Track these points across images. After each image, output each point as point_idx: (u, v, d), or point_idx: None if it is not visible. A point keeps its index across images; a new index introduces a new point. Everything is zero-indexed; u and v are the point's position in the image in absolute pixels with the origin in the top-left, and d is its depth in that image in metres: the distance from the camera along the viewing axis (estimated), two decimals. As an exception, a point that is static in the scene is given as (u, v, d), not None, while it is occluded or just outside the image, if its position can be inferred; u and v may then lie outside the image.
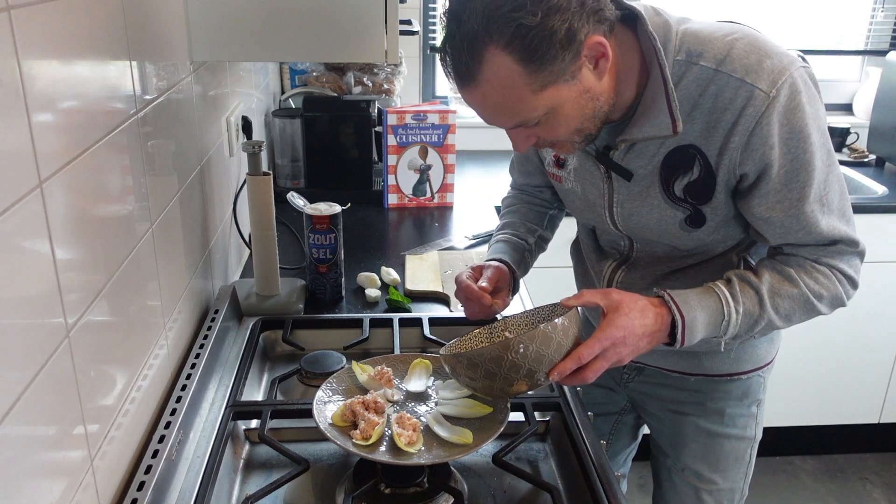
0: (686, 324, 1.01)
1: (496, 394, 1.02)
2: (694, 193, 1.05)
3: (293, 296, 1.49)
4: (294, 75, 2.40)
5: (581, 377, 0.97)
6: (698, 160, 1.02)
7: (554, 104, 0.93)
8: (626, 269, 1.21)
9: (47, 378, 0.71)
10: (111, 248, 0.90)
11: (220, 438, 1.05)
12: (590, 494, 0.97)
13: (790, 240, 1.05)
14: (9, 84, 0.65)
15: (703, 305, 1.02)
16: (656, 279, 1.18)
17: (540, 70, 0.88)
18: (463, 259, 1.74)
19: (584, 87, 0.93)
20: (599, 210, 1.16)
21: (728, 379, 1.25)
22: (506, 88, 0.90)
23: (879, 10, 2.91)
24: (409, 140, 2.08)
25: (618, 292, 1.01)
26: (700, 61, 0.98)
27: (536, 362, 0.95)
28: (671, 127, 0.99)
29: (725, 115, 0.97)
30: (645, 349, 1.01)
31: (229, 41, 1.27)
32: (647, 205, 1.09)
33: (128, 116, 0.95)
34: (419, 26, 2.58)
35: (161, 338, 1.09)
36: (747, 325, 1.04)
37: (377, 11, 1.27)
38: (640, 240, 1.18)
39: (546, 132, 0.99)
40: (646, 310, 1.00)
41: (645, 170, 1.07)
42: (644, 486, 2.49)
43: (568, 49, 0.88)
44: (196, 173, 1.31)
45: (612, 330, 0.97)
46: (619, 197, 1.12)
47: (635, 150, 1.06)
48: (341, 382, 1.11)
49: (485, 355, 0.96)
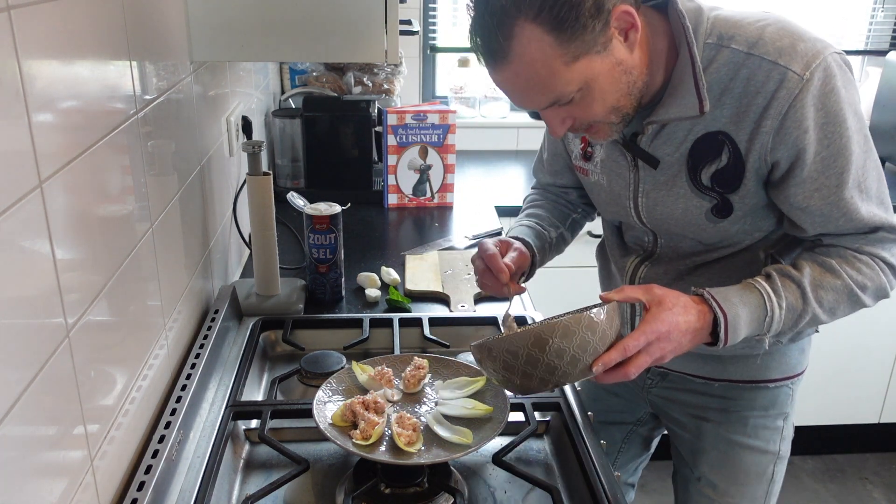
0: (728, 321, 0.97)
1: (535, 385, 0.94)
2: (721, 182, 1.03)
3: (293, 296, 1.49)
4: (294, 75, 2.40)
5: (623, 372, 0.94)
6: (727, 147, 1.00)
7: (587, 77, 0.91)
8: (650, 265, 1.19)
9: (47, 378, 0.71)
10: (111, 248, 0.90)
11: (220, 438, 1.05)
12: (589, 494, 0.97)
13: (830, 229, 1.02)
14: (9, 84, 0.65)
15: (744, 302, 0.99)
16: (680, 274, 1.16)
17: (571, 40, 0.88)
18: (463, 259, 1.74)
19: (616, 60, 0.92)
20: (624, 202, 1.15)
21: (753, 386, 1.21)
22: (538, 62, 0.89)
23: (879, 10, 2.91)
24: (409, 140, 2.08)
25: (660, 288, 0.99)
26: (731, 44, 0.96)
27: (581, 349, 0.91)
28: (698, 107, 0.97)
29: (757, 98, 0.95)
30: (687, 347, 0.98)
31: (229, 41, 1.27)
32: (672, 194, 1.07)
33: (128, 116, 0.95)
34: (419, 26, 2.58)
35: (161, 338, 1.09)
36: (791, 321, 1.01)
37: (377, 11, 1.27)
38: (664, 234, 1.16)
39: (582, 111, 0.96)
40: (688, 306, 0.97)
41: (672, 157, 1.05)
42: (644, 486, 2.49)
43: (597, 18, 0.87)
44: (196, 173, 1.31)
45: (657, 324, 0.94)
46: (644, 186, 1.10)
47: (662, 137, 1.04)
48: (341, 382, 1.11)
49: (527, 338, 0.91)
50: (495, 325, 1.40)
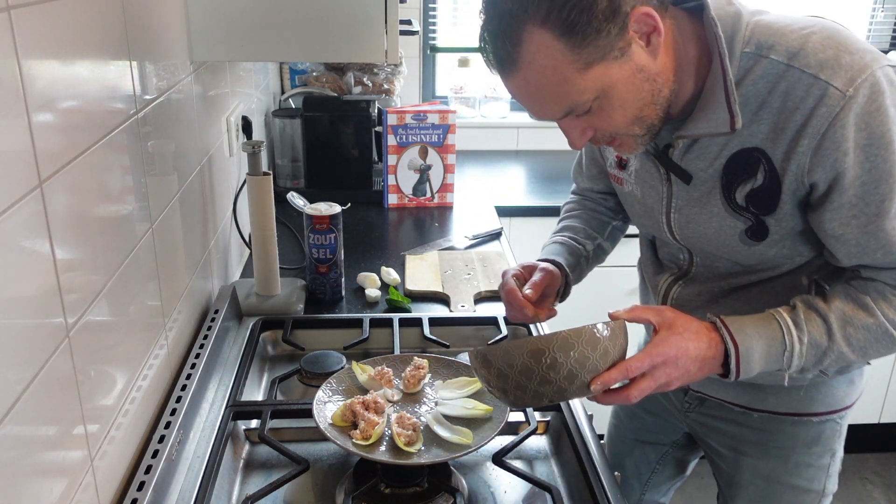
0: (740, 353, 0.92)
1: (528, 399, 0.91)
2: (757, 202, 0.95)
3: (293, 296, 1.49)
4: (294, 75, 2.40)
5: (625, 395, 0.89)
6: (763, 165, 0.92)
7: (604, 85, 0.85)
8: (684, 284, 1.11)
9: (47, 378, 0.71)
10: (111, 248, 0.90)
11: (220, 438, 1.05)
12: (589, 494, 0.97)
13: (866, 261, 0.93)
14: (9, 84, 0.65)
15: (760, 334, 0.93)
16: (714, 296, 1.08)
17: (583, 45, 0.82)
18: (463, 259, 1.74)
19: (636, 66, 0.86)
20: (657, 216, 1.07)
21: (796, 420, 1.12)
22: (548, 69, 0.84)
23: (879, 10, 2.91)
24: (409, 140, 2.08)
25: (671, 310, 0.94)
26: (770, 54, 0.88)
27: (579, 365, 0.86)
28: (729, 123, 0.90)
29: (795, 115, 0.87)
30: (696, 376, 0.93)
31: (229, 41, 1.27)
32: (705, 212, 1.00)
33: (128, 116, 0.95)
34: (419, 26, 2.58)
35: (161, 338, 1.09)
36: (814, 358, 0.94)
37: (377, 11, 1.27)
38: (699, 253, 1.08)
39: (602, 121, 0.90)
40: (700, 332, 0.92)
41: (705, 173, 0.98)
42: (644, 486, 2.48)
43: (612, 21, 0.81)
44: (196, 173, 1.31)
45: (663, 347, 0.89)
46: (677, 202, 1.03)
47: (695, 151, 0.97)
48: (341, 382, 1.11)
49: (523, 349, 0.87)
50: (495, 324, 1.40)
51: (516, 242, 2.13)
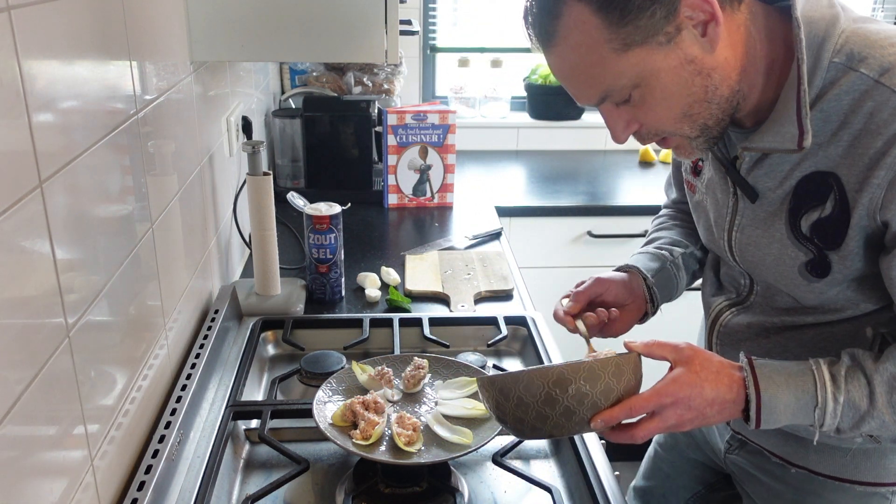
0: (763, 402, 0.83)
1: (527, 431, 0.87)
2: (822, 234, 0.84)
3: (293, 296, 1.49)
4: (294, 75, 2.40)
5: (629, 434, 0.84)
6: (834, 192, 0.81)
7: (643, 71, 0.78)
8: (737, 312, 1.02)
9: (47, 378, 0.71)
10: (111, 248, 0.90)
11: (220, 438, 1.05)
12: (589, 494, 0.97)
13: None
14: (9, 84, 0.65)
15: (791, 383, 0.83)
16: (766, 331, 0.98)
17: (622, 23, 0.75)
18: (463, 259, 1.74)
19: (685, 56, 0.77)
20: (721, 232, 0.98)
21: (837, 485, 0.99)
22: (583, 46, 0.77)
23: (879, 10, 2.91)
24: (409, 140, 2.08)
25: (692, 348, 0.86)
26: (861, 67, 0.78)
27: (577, 401, 0.81)
28: (797, 139, 0.80)
29: (876, 140, 0.77)
30: (714, 420, 0.85)
31: (229, 41, 1.27)
32: (767, 235, 0.90)
33: (128, 116, 0.95)
34: (419, 26, 2.58)
35: (161, 338, 1.09)
36: (851, 420, 0.83)
37: (377, 11, 1.27)
38: (761, 281, 0.98)
39: (645, 115, 0.83)
40: (721, 373, 0.84)
41: (773, 193, 0.88)
42: (644, 486, 2.48)
43: (658, 1, 0.74)
44: (196, 173, 1.31)
45: (675, 387, 0.82)
46: (740, 220, 0.93)
47: (765, 166, 0.87)
48: (341, 382, 1.11)
49: (520, 381, 0.83)
50: (495, 324, 1.40)
51: (516, 242, 2.13)
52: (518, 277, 1.67)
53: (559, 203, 2.26)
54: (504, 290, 1.58)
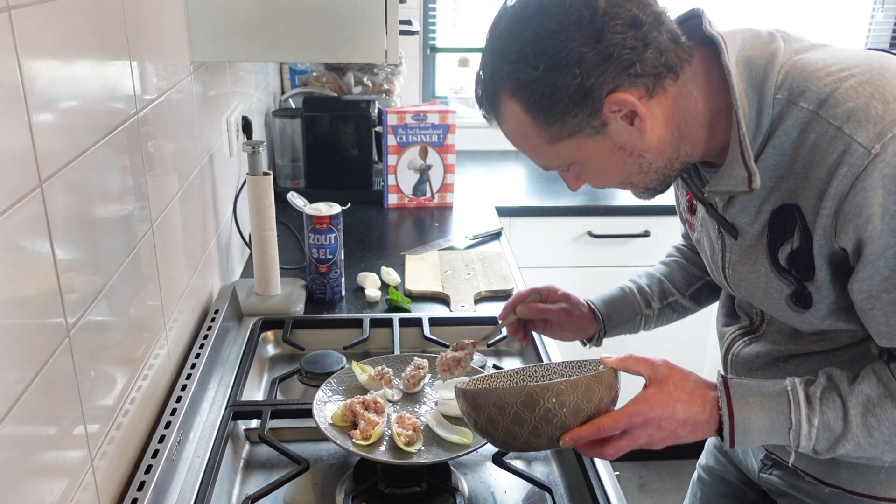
0: (736, 423, 0.84)
1: (499, 444, 0.91)
2: (797, 265, 0.85)
3: (293, 296, 1.49)
4: (294, 75, 2.40)
5: (599, 451, 0.85)
6: (798, 224, 0.82)
7: (576, 157, 0.84)
8: (748, 342, 1.01)
9: (47, 378, 0.71)
10: (111, 248, 0.90)
11: (220, 438, 1.05)
12: (589, 494, 0.97)
13: None
14: (9, 84, 0.65)
15: (766, 405, 0.84)
16: (775, 360, 0.98)
17: (548, 123, 0.81)
18: (463, 259, 1.74)
19: (614, 144, 0.82)
20: (717, 268, 0.98)
21: (873, 502, 0.98)
22: (520, 135, 0.85)
23: (879, 10, 2.91)
24: (409, 140, 2.08)
25: (668, 366, 0.87)
26: (800, 101, 0.78)
27: (545, 420, 0.83)
28: (746, 181, 0.81)
29: (820, 171, 0.77)
30: (688, 438, 0.86)
31: (229, 41, 1.27)
32: (754, 270, 0.91)
33: (128, 116, 0.95)
34: (419, 26, 2.58)
35: (161, 338, 1.09)
36: (827, 442, 0.83)
37: (377, 11, 1.27)
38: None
39: (589, 179, 0.89)
40: (695, 393, 0.85)
41: (752, 228, 0.88)
42: (644, 486, 2.49)
43: (581, 105, 0.78)
44: (196, 173, 1.31)
45: (645, 407, 0.84)
46: (730, 256, 0.94)
47: (737, 204, 0.88)
48: (341, 382, 1.11)
49: (489, 397, 0.85)
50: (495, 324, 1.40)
51: (516, 242, 2.13)
52: (518, 277, 1.67)
53: (559, 203, 2.26)
54: (504, 290, 1.58)
